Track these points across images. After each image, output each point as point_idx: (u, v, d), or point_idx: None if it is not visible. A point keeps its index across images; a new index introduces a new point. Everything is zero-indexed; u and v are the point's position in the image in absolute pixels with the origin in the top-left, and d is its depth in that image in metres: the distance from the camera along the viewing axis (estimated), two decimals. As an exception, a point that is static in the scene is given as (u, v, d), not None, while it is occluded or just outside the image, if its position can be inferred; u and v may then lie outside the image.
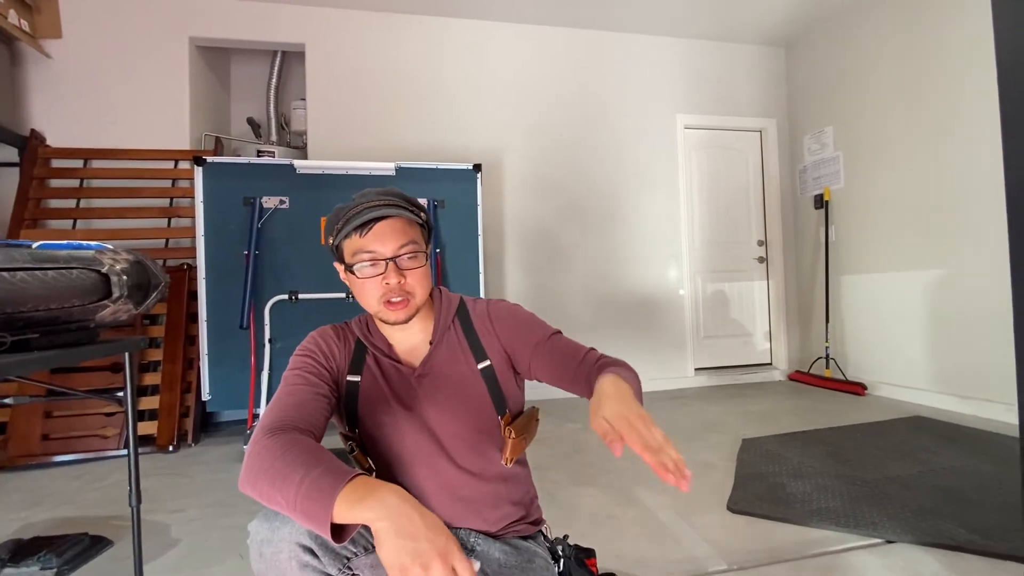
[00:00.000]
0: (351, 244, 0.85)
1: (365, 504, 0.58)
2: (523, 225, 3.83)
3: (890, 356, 3.46)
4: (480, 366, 0.93)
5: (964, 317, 2.98)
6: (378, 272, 0.84)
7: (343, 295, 2.77)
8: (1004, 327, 2.71)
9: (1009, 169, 0.97)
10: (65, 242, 1.07)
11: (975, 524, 1.59)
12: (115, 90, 3.33)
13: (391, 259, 0.84)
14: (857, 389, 3.54)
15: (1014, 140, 0.96)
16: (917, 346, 3.27)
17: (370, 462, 0.95)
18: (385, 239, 0.84)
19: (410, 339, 0.94)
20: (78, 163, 3.25)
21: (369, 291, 0.85)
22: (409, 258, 0.85)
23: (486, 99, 3.83)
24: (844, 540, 1.57)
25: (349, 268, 0.86)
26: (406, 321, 0.88)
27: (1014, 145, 0.96)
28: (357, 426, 0.92)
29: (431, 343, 0.93)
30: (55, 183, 3.22)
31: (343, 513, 0.58)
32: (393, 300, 0.85)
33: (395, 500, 0.58)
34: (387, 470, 0.93)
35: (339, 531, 0.61)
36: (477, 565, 0.59)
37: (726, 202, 4.32)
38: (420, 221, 0.90)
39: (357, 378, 0.92)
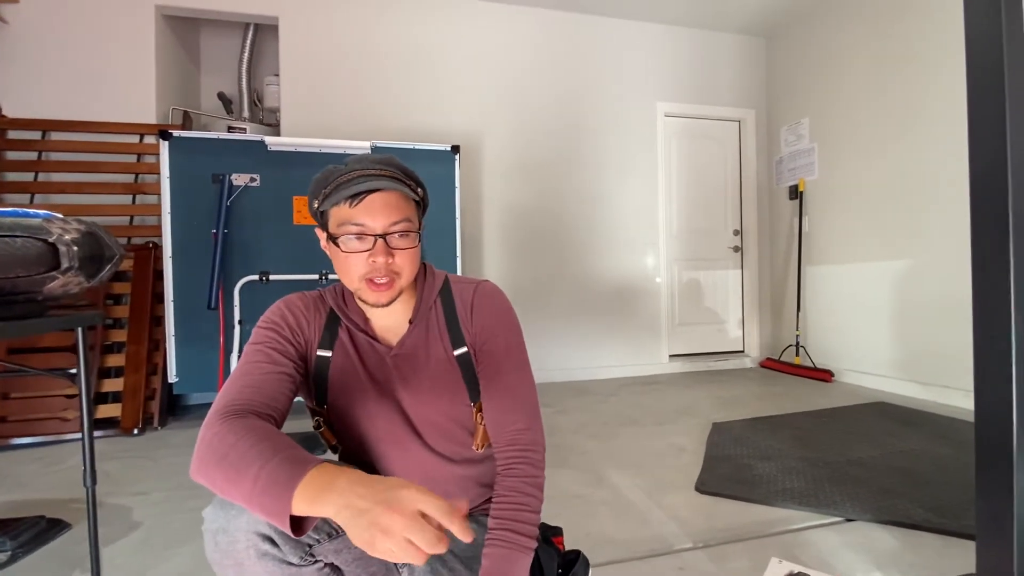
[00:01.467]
0: (339, 213, 0.78)
1: (324, 499, 0.54)
2: (501, 209, 3.80)
3: (856, 344, 3.56)
4: (457, 352, 0.89)
5: (927, 307, 3.07)
6: (365, 248, 0.78)
7: (316, 276, 2.72)
8: (963, 316, 2.81)
9: (973, 163, 0.98)
10: (10, 209, 1.02)
11: (931, 503, 1.65)
12: (76, 59, 3.17)
13: (381, 236, 0.77)
14: (824, 376, 3.63)
15: (979, 134, 0.97)
16: (882, 335, 3.36)
17: (336, 440, 0.93)
18: (376, 213, 0.77)
19: (389, 316, 0.89)
20: (36, 135, 3.10)
21: (352, 267, 0.79)
22: (400, 236, 0.79)
23: (465, 80, 3.77)
24: (806, 519, 1.61)
25: (332, 238, 0.80)
26: (387, 304, 0.82)
27: (979, 139, 0.97)
28: (326, 402, 0.89)
29: (410, 322, 0.89)
30: (11, 155, 3.07)
31: (302, 507, 0.55)
32: (377, 280, 0.79)
33: (347, 483, 0.55)
34: (356, 449, 0.91)
35: (299, 523, 0.58)
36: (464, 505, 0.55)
37: (703, 191, 4.36)
38: (416, 197, 0.84)
39: (328, 353, 0.87)
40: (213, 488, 0.62)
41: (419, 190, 0.85)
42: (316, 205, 0.82)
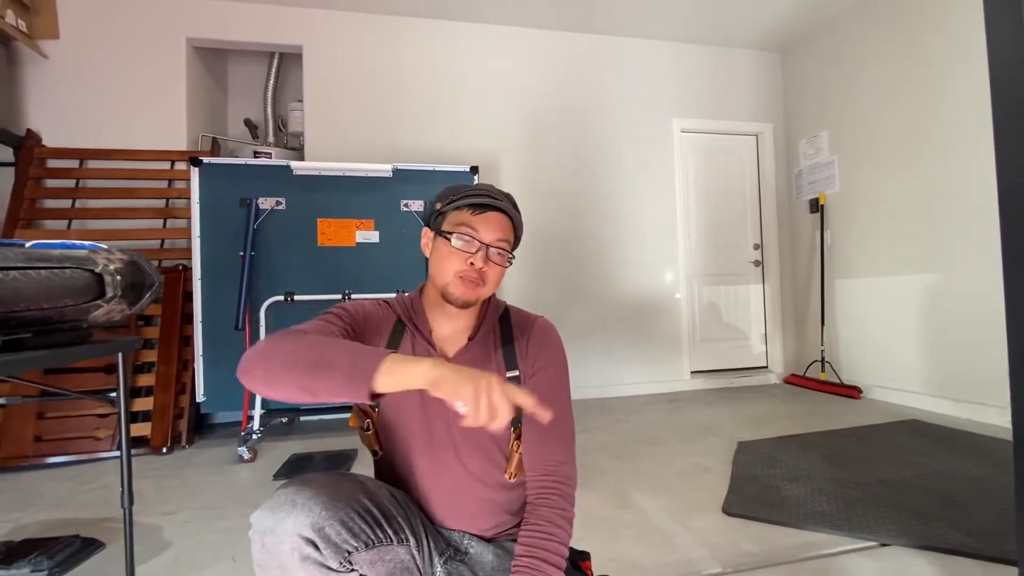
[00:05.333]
0: (459, 216, 0.89)
1: (417, 361, 0.64)
2: (520, 228, 3.82)
3: (885, 359, 3.47)
4: (509, 374, 0.93)
5: (958, 320, 2.99)
6: (469, 250, 0.87)
7: (339, 296, 2.77)
8: (997, 330, 2.73)
9: (1001, 173, 0.97)
10: (59, 241, 1.07)
11: (969, 527, 1.60)
12: (112, 90, 3.33)
13: (486, 245, 0.88)
14: (852, 392, 3.55)
15: (1006, 143, 0.96)
16: (911, 349, 3.28)
17: (379, 445, 0.95)
18: (491, 227, 0.88)
19: (451, 328, 0.95)
20: (74, 163, 3.24)
21: (452, 262, 0.88)
22: (498, 254, 0.89)
23: (483, 102, 3.84)
24: (839, 543, 1.57)
25: (443, 234, 0.89)
26: (465, 305, 0.89)
27: (1006, 149, 0.96)
28: (379, 405, 0.92)
29: (470, 338, 0.95)
30: (51, 183, 3.21)
31: (393, 368, 0.63)
32: (468, 277, 0.87)
33: (443, 361, 0.66)
34: (395, 457, 0.93)
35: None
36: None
37: (722, 206, 4.34)
38: (516, 234, 0.95)
39: None
40: (269, 369, 0.68)
41: (521, 230, 0.96)
42: (439, 206, 0.92)
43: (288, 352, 0.69)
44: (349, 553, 0.75)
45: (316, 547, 0.71)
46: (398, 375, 0.63)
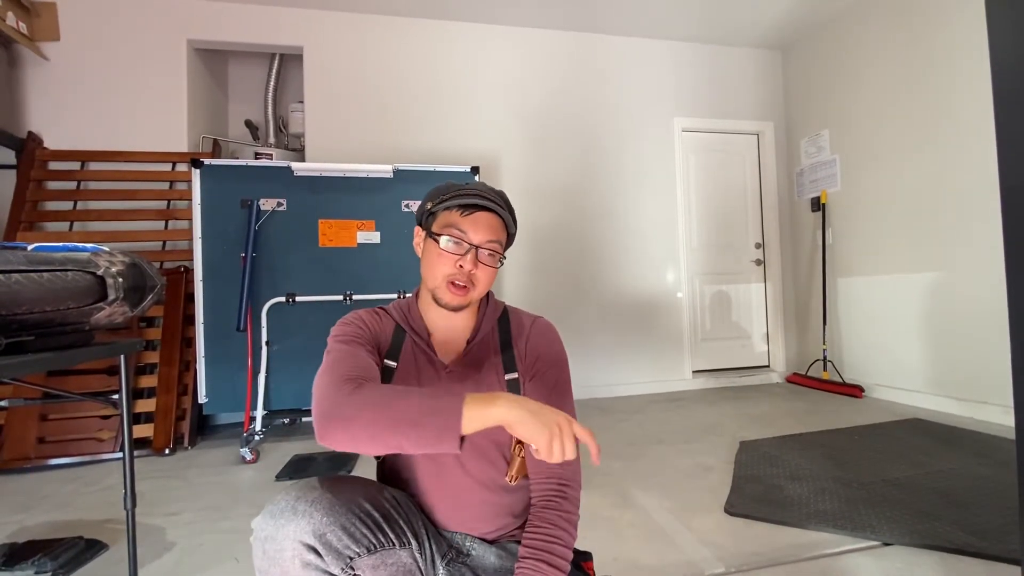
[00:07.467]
0: (448, 217, 0.88)
1: (495, 404, 0.67)
2: (520, 227, 3.82)
3: (887, 358, 3.47)
4: (508, 377, 0.93)
5: (960, 319, 2.98)
6: (459, 252, 0.86)
7: (340, 297, 2.77)
8: (1000, 329, 2.72)
9: (1004, 170, 0.97)
10: (61, 244, 1.07)
11: (972, 526, 1.60)
12: (113, 93, 3.33)
13: (475, 247, 0.87)
14: (854, 391, 3.54)
15: (1008, 142, 0.96)
16: (914, 348, 3.28)
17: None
18: (480, 228, 0.87)
19: (450, 331, 0.94)
20: (75, 165, 3.24)
21: (441, 265, 0.87)
22: (488, 255, 0.88)
23: (484, 102, 3.84)
24: (841, 543, 1.57)
25: (432, 235, 0.89)
26: (457, 309, 0.88)
27: (1008, 147, 0.96)
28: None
29: (468, 342, 0.94)
30: (52, 185, 3.21)
31: (473, 415, 0.66)
32: (457, 283, 0.86)
33: (512, 396, 0.68)
34: (396, 462, 0.93)
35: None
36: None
37: (723, 205, 4.34)
38: (509, 232, 0.94)
39: (394, 364, 0.91)
40: (354, 435, 0.68)
41: (512, 228, 0.95)
42: (429, 206, 0.92)
43: (368, 415, 0.68)
44: (351, 559, 0.75)
45: (317, 553, 0.71)
46: (478, 419, 0.66)
